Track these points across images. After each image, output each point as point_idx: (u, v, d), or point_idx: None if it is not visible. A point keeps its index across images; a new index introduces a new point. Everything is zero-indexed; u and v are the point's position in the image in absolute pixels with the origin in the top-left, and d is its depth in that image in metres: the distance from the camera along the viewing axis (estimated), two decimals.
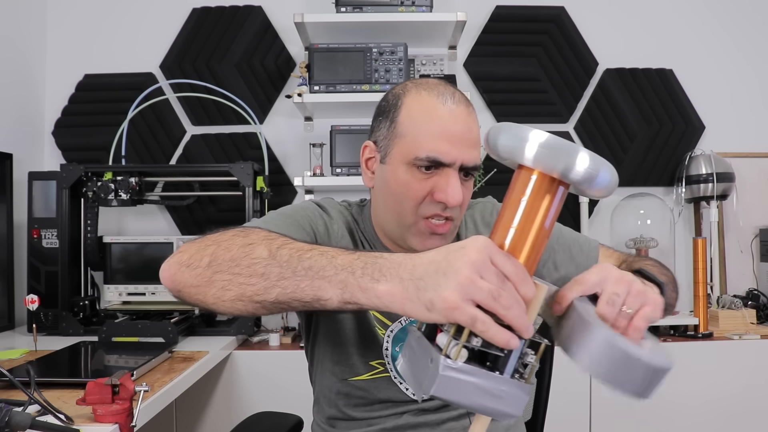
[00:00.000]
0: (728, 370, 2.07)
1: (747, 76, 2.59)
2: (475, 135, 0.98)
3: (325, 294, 0.66)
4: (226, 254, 0.74)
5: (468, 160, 0.95)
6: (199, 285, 0.76)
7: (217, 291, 0.74)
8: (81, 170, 2.07)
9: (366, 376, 1.03)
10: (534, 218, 0.62)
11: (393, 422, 1.02)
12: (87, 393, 1.11)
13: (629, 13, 2.58)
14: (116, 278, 2.15)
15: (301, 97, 2.18)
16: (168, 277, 0.80)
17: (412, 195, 0.96)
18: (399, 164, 0.98)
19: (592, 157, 0.59)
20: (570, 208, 2.48)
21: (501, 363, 0.60)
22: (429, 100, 0.97)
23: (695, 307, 2.20)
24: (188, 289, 0.77)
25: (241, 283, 0.71)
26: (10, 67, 2.31)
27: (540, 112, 2.52)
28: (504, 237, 0.62)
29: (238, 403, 1.97)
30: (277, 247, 0.72)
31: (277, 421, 1.34)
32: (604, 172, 0.60)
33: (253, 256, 0.72)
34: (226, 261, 0.74)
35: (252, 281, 0.71)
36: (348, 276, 0.65)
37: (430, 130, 0.95)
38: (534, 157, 0.60)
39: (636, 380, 0.60)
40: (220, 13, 2.48)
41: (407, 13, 2.19)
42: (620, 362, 0.60)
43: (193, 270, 0.76)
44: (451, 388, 0.59)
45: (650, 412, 2.04)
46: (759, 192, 2.55)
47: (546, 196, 0.62)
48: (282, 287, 0.69)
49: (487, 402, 0.60)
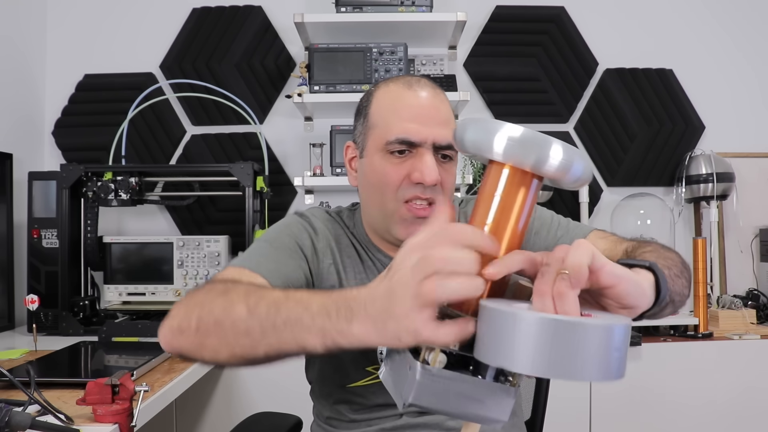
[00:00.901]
0: (728, 370, 2.07)
1: (747, 76, 2.59)
2: (443, 114, 1.00)
3: (308, 344, 0.65)
4: (210, 317, 0.74)
5: (439, 137, 0.97)
6: (193, 350, 0.77)
7: (211, 354, 0.74)
8: (81, 170, 2.07)
9: (362, 382, 1.03)
10: (509, 214, 0.59)
11: (392, 423, 1.03)
12: (87, 393, 1.11)
13: (629, 13, 2.58)
14: (116, 278, 2.15)
15: (301, 97, 2.18)
16: (166, 344, 0.82)
17: (390, 180, 0.98)
18: (374, 154, 1.00)
19: (565, 149, 0.56)
20: (570, 208, 2.49)
21: (482, 367, 0.57)
22: (395, 88, 1.02)
23: (695, 307, 2.20)
24: (187, 353, 0.79)
25: (229, 344, 0.71)
26: (10, 67, 2.31)
27: (540, 112, 2.52)
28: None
29: (238, 403, 1.97)
30: (254, 303, 0.70)
31: (276, 421, 1.34)
32: (578, 163, 0.57)
33: (234, 318, 0.71)
34: (212, 324, 0.73)
35: (240, 341, 0.70)
36: (324, 322, 0.62)
37: (398, 113, 0.99)
38: (504, 152, 0.57)
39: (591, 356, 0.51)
40: (220, 13, 2.48)
41: (407, 13, 2.19)
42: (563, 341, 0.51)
43: (185, 337, 0.77)
44: (429, 394, 0.56)
45: (650, 411, 2.04)
46: (759, 192, 2.55)
47: (520, 191, 0.59)
48: (267, 344, 0.68)
49: (469, 408, 0.57)
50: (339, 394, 1.05)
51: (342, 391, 1.04)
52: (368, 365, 1.03)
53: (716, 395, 2.06)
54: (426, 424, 1.02)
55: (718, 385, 2.07)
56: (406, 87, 1.01)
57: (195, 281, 2.10)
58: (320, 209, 1.12)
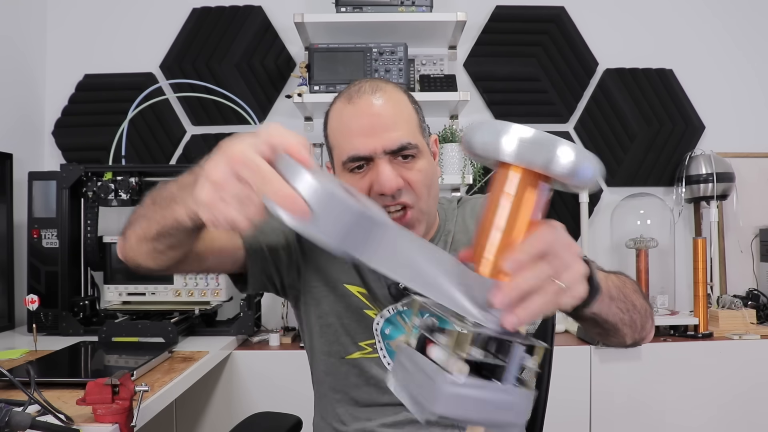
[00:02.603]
0: (728, 370, 2.07)
1: (747, 76, 2.59)
2: (387, 118, 0.98)
3: (177, 214, 0.76)
4: (134, 213, 0.90)
5: (388, 143, 0.97)
6: (132, 248, 0.90)
7: (134, 244, 0.88)
8: (81, 170, 2.07)
9: (357, 355, 1.05)
10: (520, 216, 0.58)
11: (392, 418, 1.03)
12: (87, 393, 1.11)
13: (629, 13, 2.58)
14: (116, 278, 2.15)
15: (301, 97, 2.18)
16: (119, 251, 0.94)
17: None
18: (340, 173, 1.01)
19: (576, 149, 0.56)
20: (570, 208, 2.48)
21: (502, 372, 0.57)
22: (340, 107, 1.02)
23: (695, 307, 2.20)
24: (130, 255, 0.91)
25: (137, 229, 0.87)
26: (10, 67, 2.31)
27: (540, 112, 2.52)
28: (490, 238, 0.59)
29: (238, 403, 1.97)
30: (157, 192, 0.84)
31: (276, 421, 1.34)
32: (588, 164, 0.57)
33: (143, 205, 0.86)
34: (134, 217, 0.89)
35: (142, 224, 0.85)
36: (185, 194, 0.73)
37: (344, 132, 0.99)
38: (514, 153, 0.57)
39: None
40: (220, 13, 2.47)
41: (407, 13, 2.19)
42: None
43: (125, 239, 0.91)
44: (457, 405, 0.55)
45: (650, 411, 2.04)
46: (759, 192, 2.55)
47: (530, 193, 0.58)
48: (156, 221, 0.81)
49: (493, 415, 0.57)
50: (338, 367, 1.06)
51: (341, 363, 1.06)
52: (363, 339, 1.05)
53: (716, 395, 2.06)
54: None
55: (718, 385, 2.07)
56: (347, 102, 1.00)
57: (195, 281, 2.10)
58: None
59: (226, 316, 2.32)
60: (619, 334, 0.86)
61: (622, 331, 0.86)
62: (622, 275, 0.90)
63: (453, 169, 2.23)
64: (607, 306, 0.78)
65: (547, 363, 1.31)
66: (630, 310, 0.85)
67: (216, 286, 2.10)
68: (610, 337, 0.87)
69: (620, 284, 0.85)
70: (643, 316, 0.89)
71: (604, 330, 0.84)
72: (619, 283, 0.85)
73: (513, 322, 0.56)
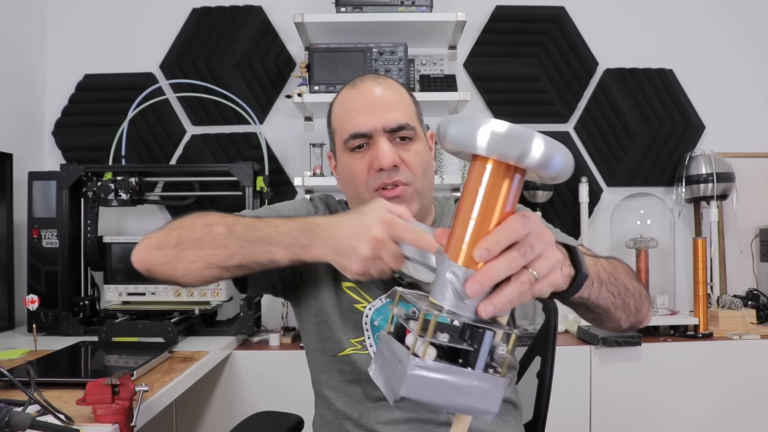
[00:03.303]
0: (728, 370, 2.07)
1: (747, 76, 2.59)
2: (388, 99, 1.06)
3: (276, 256, 0.86)
4: (190, 235, 0.92)
5: (387, 121, 1.04)
6: (168, 262, 0.93)
7: (186, 264, 0.91)
8: (81, 170, 2.07)
9: (349, 351, 1.06)
10: (494, 207, 0.60)
11: (386, 416, 1.03)
12: (87, 393, 1.11)
13: (629, 13, 2.58)
14: (116, 278, 2.15)
15: (301, 97, 2.18)
16: (139, 260, 0.96)
17: (358, 175, 1.05)
18: (341, 155, 1.09)
19: (547, 142, 0.57)
20: (570, 208, 2.49)
21: (472, 357, 0.58)
22: (344, 93, 1.10)
23: (695, 307, 2.20)
24: (158, 267, 0.94)
25: (206, 255, 0.90)
26: (10, 67, 2.31)
27: (540, 112, 2.52)
28: (464, 228, 0.60)
29: (238, 403, 1.97)
30: (233, 224, 0.90)
31: (277, 420, 1.34)
32: (559, 156, 0.58)
33: (214, 234, 0.90)
34: (192, 240, 0.92)
35: (216, 252, 0.89)
36: (291, 241, 0.85)
37: (347, 113, 1.07)
38: (487, 145, 0.58)
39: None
40: (220, 13, 2.48)
41: (407, 13, 2.19)
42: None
43: (162, 251, 0.93)
44: (421, 387, 0.57)
45: (650, 411, 2.04)
46: (759, 192, 2.55)
47: (504, 184, 0.60)
48: (242, 255, 0.88)
49: (461, 400, 0.58)
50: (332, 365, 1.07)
51: (334, 361, 1.07)
52: (353, 336, 1.06)
53: (716, 395, 2.06)
54: (420, 419, 1.03)
55: (718, 385, 2.07)
56: (351, 87, 1.09)
57: None
58: (329, 196, 1.21)
59: (226, 316, 2.32)
60: (613, 318, 0.87)
61: (615, 315, 0.87)
62: (615, 260, 0.91)
63: (453, 169, 2.23)
64: (597, 290, 0.80)
65: (549, 364, 1.31)
66: (622, 293, 0.86)
67: (216, 286, 2.10)
68: (603, 321, 0.89)
69: (611, 269, 0.86)
70: (637, 299, 0.90)
71: (596, 315, 0.86)
72: (609, 267, 0.86)
73: (488, 311, 0.58)
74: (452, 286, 0.59)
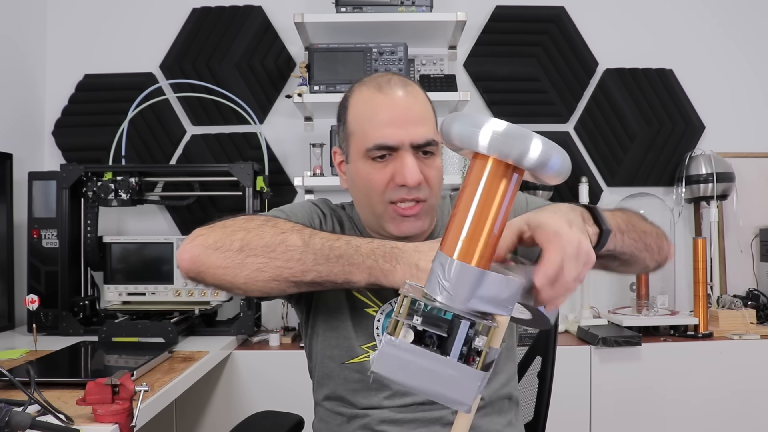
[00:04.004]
0: (728, 370, 2.07)
1: (747, 76, 2.59)
2: (418, 112, 1.01)
3: (354, 278, 0.82)
4: (259, 241, 0.84)
5: (416, 137, 0.99)
6: (229, 267, 0.84)
7: (251, 272, 0.83)
8: (81, 170, 2.07)
9: (360, 358, 1.05)
10: (491, 204, 0.62)
11: (391, 416, 1.03)
12: (87, 393, 1.11)
13: (629, 13, 2.58)
14: (116, 278, 2.15)
15: (301, 97, 2.18)
16: (189, 259, 0.86)
17: (375, 185, 1.01)
18: (357, 160, 1.03)
19: (545, 143, 0.59)
20: None
21: (448, 345, 0.60)
22: (368, 93, 1.03)
23: (695, 307, 2.20)
24: (214, 270, 0.85)
25: (278, 266, 0.83)
26: (10, 67, 2.31)
27: (540, 112, 2.52)
28: (462, 223, 0.62)
29: (238, 403, 1.97)
30: (309, 237, 0.84)
31: (277, 420, 1.34)
32: (556, 157, 0.60)
33: (288, 244, 0.83)
34: (261, 247, 0.84)
35: (289, 265, 0.83)
36: (372, 263, 0.82)
37: (373, 119, 1.01)
38: (488, 144, 0.60)
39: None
40: (220, 13, 2.47)
41: (407, 13, 2.19)
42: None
43: (222, 253, 0.84)
44: (392, 365, 0.60)
45: (650, 411, 2.04)
46: (759, 192, 2.55)
47: (501, 182, 0.62)
48: (317, 271, 0.82)
49: (433, 386, 0.60)
50: (339, 372, 1.06)
51: (342, 369, 1.06)
52: (364, 342, 1.05)
53: (716, 395, 2.06)
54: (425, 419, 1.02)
55: (718, 385, 2.06)
56: (377, 90, 1.02)
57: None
58: (327, 200, 1.18)
59: (226, 316, 2.32)
60: (640, 261, 0.96)
61: (641, 257, 0.95)
62: (626, 210, 0.98)
63: (453, 169, 2.23)
64: (621, 240, 0.87)
65: (550, 364, 1.31)
66: (642, 237, 0.94)
67: None
68: (632, 266, 0.96)
69: (626, 217, 0.93)
70: (656, 238, 0.98)
71: (624, 261, 0.93)
72: (624, 216, 0.93)
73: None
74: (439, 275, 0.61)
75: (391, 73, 1.07)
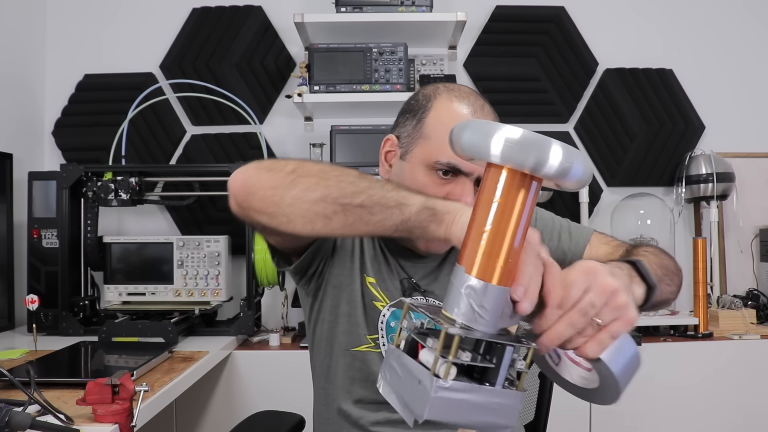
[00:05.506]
0: (728, 370, 2.07)
1: (747, 76, 2.59)
2: None
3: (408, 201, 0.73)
4: (313, 166, 0.80)
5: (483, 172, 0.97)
6: (279, 186, 0.79)
7: (300, 191, 0.77)
8: (81, 170, 2.07)
9: (364, 348, 1.06)
10: (509, 219, 0.57)
11: (386, 416, 1.03)
12: (87, 393, 1.11)
13: (629, 13, 2.58)
14: (116, 278, 2.15)
15: (301, 97, 2.18)
16: (240, 180, 0.82)
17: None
18: (418, 164, 1.00)
19: (565, 149, 0.54)
20: (570, 208, 2.48)
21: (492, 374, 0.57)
22: (459, 109, 1.00)
23: (695, 307, 2.20)
24: (263, 191, 0.80)
25: (328, 185, 0.76)
26: (10, 68, 2.30)
27: (540, 112, 2.52)
28: (479, 239, 0.58)
29: (238, 403, 1.97)
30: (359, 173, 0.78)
31: (278, 420, 1.34)
32: (578, 164, 0.55)
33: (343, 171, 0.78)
34: (314, 170, 0.79)
35: (341, 185, 0.76)
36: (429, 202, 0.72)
37: None
38: (502, 153, 0.55)
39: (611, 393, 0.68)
40: (220, 13, 2.47)
41: (407, 13, 2.19)
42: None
43: (275, 173, 0.80)
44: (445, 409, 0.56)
45: (650, 412, 2.04)
46: (759, 192, 2.55)
47: (519, 194, 0.57)
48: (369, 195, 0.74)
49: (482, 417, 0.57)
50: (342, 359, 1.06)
51: (345, 355, 1.06)
52: (370, 333, 1.05)
53: (716, 395, 2.06)
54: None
55: (718, 385, 2.06)
56: (470, 111, 1.00)
57: (195, 281, 2.10)
58: None
59: (226, 316, 2.32)
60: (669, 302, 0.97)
61: (671, 299, 0.96)
62: (651, 247, 0.98)
63: None
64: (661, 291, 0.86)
65: None
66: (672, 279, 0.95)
67: (216, 286, 2.10)
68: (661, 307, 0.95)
69: (659, 262, 0.93)
70: (679, 275, 0.99)
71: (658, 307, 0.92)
72: (657, 261, 0.92)
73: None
74: (468, 299, 0.57)
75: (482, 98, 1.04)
